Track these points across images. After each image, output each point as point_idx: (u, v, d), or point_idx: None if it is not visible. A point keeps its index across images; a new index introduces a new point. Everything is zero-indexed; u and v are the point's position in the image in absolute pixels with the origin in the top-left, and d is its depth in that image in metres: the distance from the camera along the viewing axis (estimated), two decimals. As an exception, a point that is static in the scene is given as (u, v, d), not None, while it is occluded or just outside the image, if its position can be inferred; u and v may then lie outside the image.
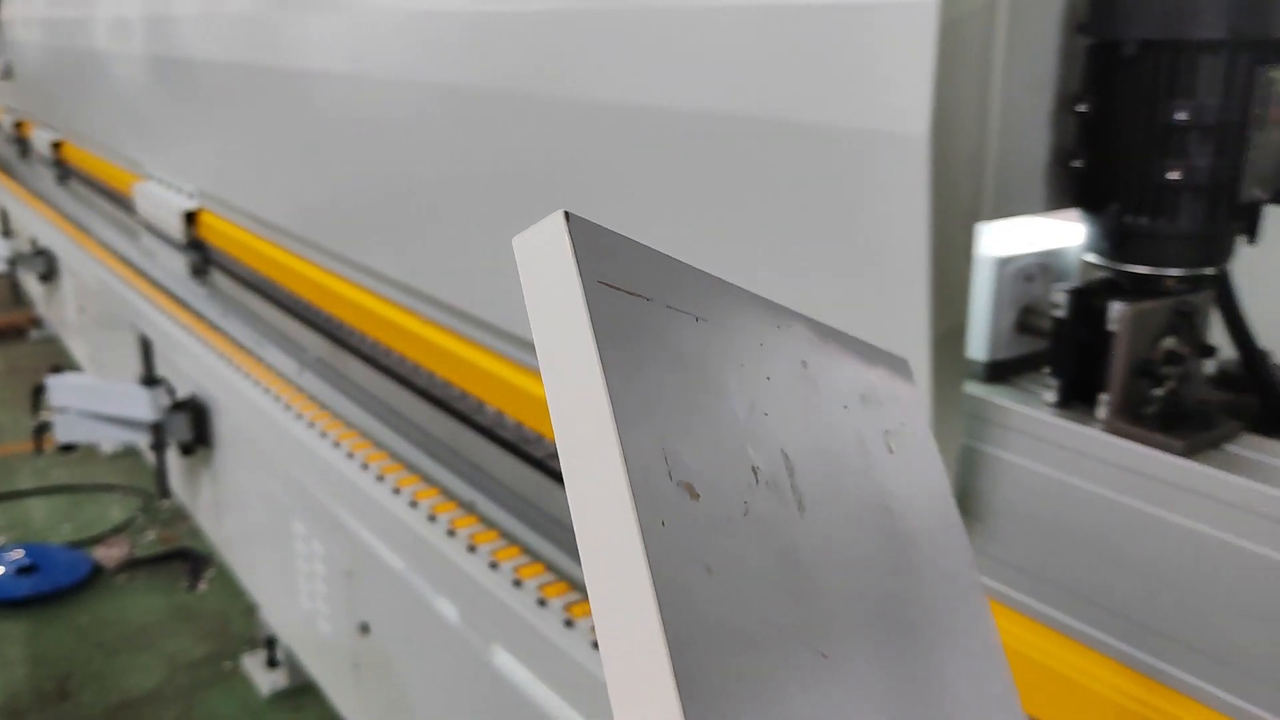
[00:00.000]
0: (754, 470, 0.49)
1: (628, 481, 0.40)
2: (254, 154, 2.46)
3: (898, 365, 0.71)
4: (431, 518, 1.66)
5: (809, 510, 0.52)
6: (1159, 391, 0.92)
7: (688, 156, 1.16)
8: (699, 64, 1.12)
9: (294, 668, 2.81)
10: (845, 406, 0.61)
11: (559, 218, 0.44)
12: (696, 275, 0.52)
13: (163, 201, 2.98)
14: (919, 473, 0.67)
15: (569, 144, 1.36)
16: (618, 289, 0.45)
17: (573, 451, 0.42)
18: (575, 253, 0.44)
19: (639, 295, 0.46)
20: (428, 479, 1.84)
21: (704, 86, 1.12)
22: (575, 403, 0.42)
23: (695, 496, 0.44)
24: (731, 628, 0.43)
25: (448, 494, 1.76)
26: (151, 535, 3.71)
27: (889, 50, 0.91)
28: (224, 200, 2.72)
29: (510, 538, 1.60)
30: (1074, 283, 0.97)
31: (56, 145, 4.60)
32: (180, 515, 3.56)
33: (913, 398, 0.70)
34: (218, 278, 2.89)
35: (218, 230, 2.75)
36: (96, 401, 2.86)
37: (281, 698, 2.85)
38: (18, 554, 3.52)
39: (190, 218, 2.84)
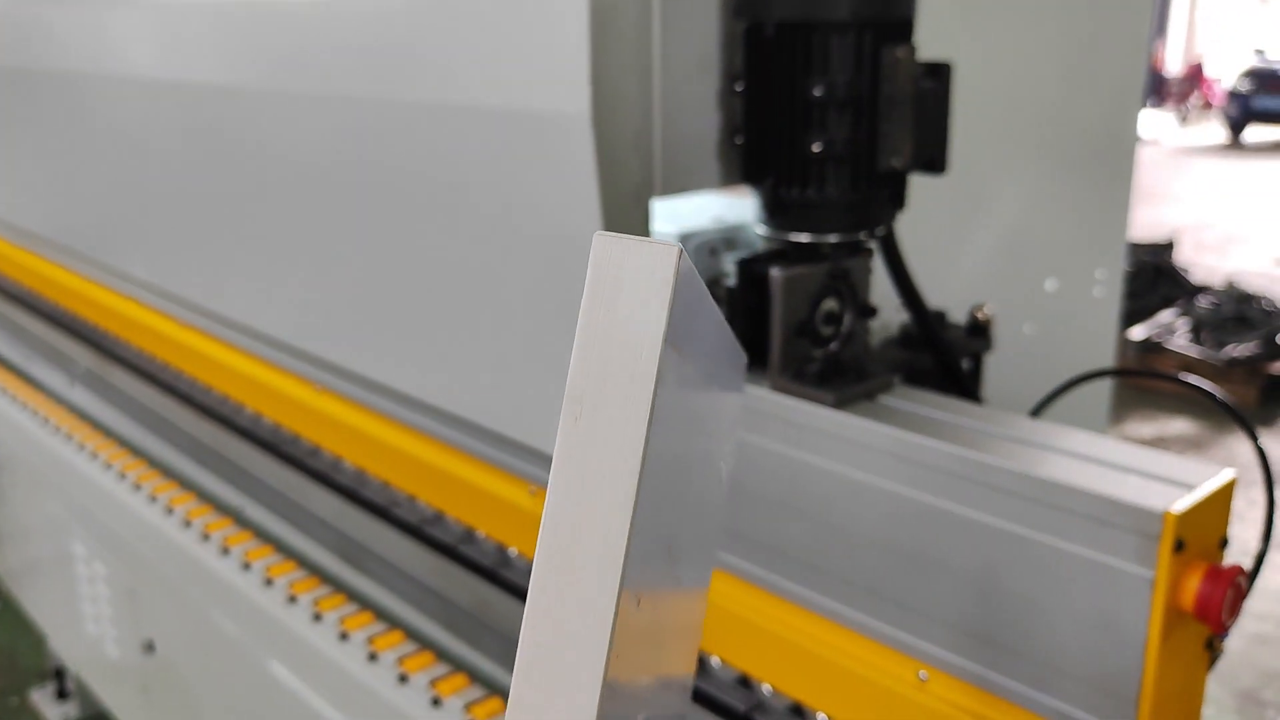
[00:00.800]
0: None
1: (627, 541, 0.40)
2: (6, 160, 2.35)
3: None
4: (205, 536, 1.62)
5: None
6: (820, 352, 0.99)
7: (391, 145, 1.18)
8: (368, 52, 1.14)
9: (85, 697, 2.69)
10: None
11: (674, 252, 0.42)
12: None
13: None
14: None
15: (295, 137, 1.36)
16: (679, 352, 0.44)
17: (577, 484, 0.41)
18: (673, 297, 0.42)
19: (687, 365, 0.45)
20: (198, 490, 1.80)
21: (377, 75, 1.13)
22: (604, 438, 0.41)
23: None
24: None
25: (219, 507, 1.72)
26: (-69, 571, 3.47)
27: (547, 33, 0.94)
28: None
29: (281, 547, 1.58)
30: (745, 253, 1.02)
31: None
32: (-37, 547, 3.34)
33: None
34: (-19, 293, 2.74)
35: (-24, 243, 2.61)
36: None
37: (74, 729, 2.72)
38: None
39: (-54, 231, 2.67)
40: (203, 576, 1.62)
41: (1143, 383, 5.15)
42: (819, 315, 0.99)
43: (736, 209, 1.11)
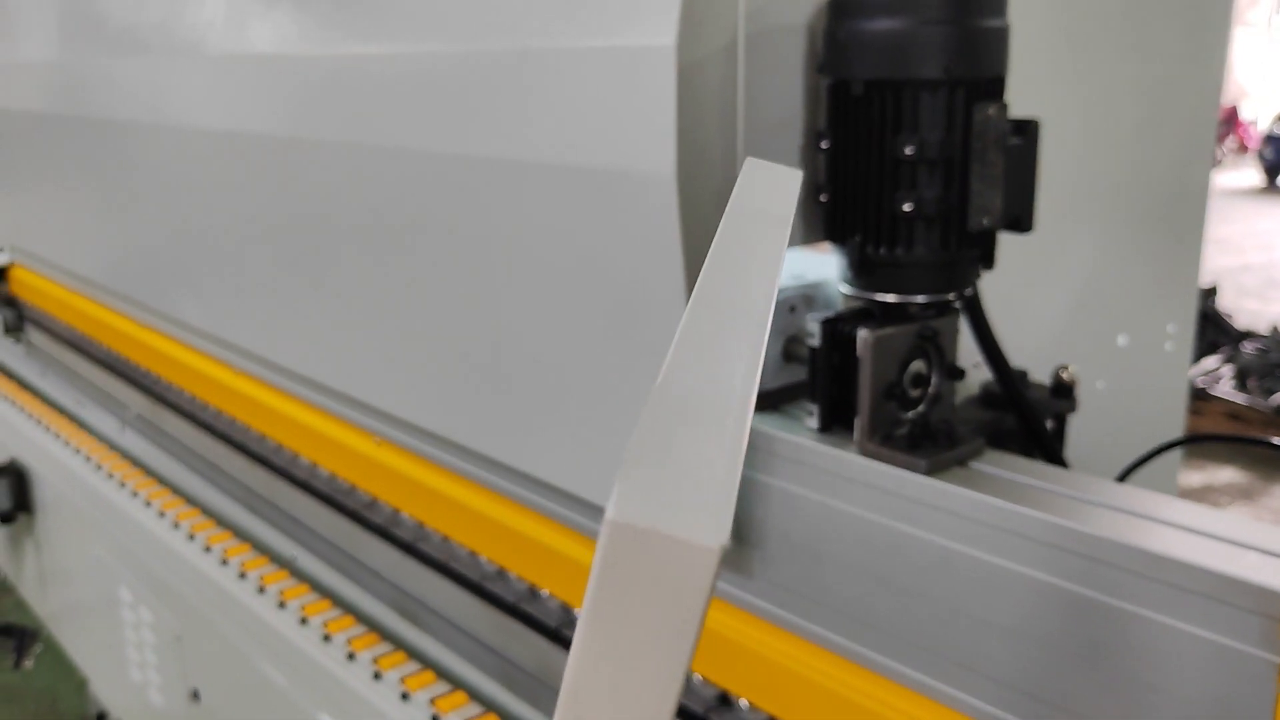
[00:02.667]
0: None
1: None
2: (65, 206, 2.37)
3: None
4: (261, 589, 1.60)
5: None
6: (910, 414, 0.96)
7: (460, 201, 1.17)
8: (441, 106, 1.13)
9: (127, 742, 2.67)
10: None
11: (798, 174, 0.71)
12: None
13: (-28, 258, 2.84)
14: None
15: (363, 190, 1.36)
16: None
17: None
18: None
19: None
20: (252, 540, 1.79)
21: (450, 129, 1.13)
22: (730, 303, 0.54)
23: None
24: None
25: (273, 558, 1.71)
26: (-26, 612, 3.48)
27: (633, 91, 0.93)
28: (36, 255, 2.61)
29: (337, 600, 1.56)
30: (828, 312, 1.00)
31: None
32: (5, 588, 3.36)
33: None
34: (34, 335, 2.77)
35: (31, 286, 2.64)
36: (-99, 472, 2.68)
37: (115, 775, 2.70)
38: None
39: (0, 274, 2.71)
40: (257, 629, 1.60)
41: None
42: (907, 377, 0.96)
43: (816, 266, 1.09)
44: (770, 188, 0.68)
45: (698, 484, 0.41)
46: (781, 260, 0.61)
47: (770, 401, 1.05)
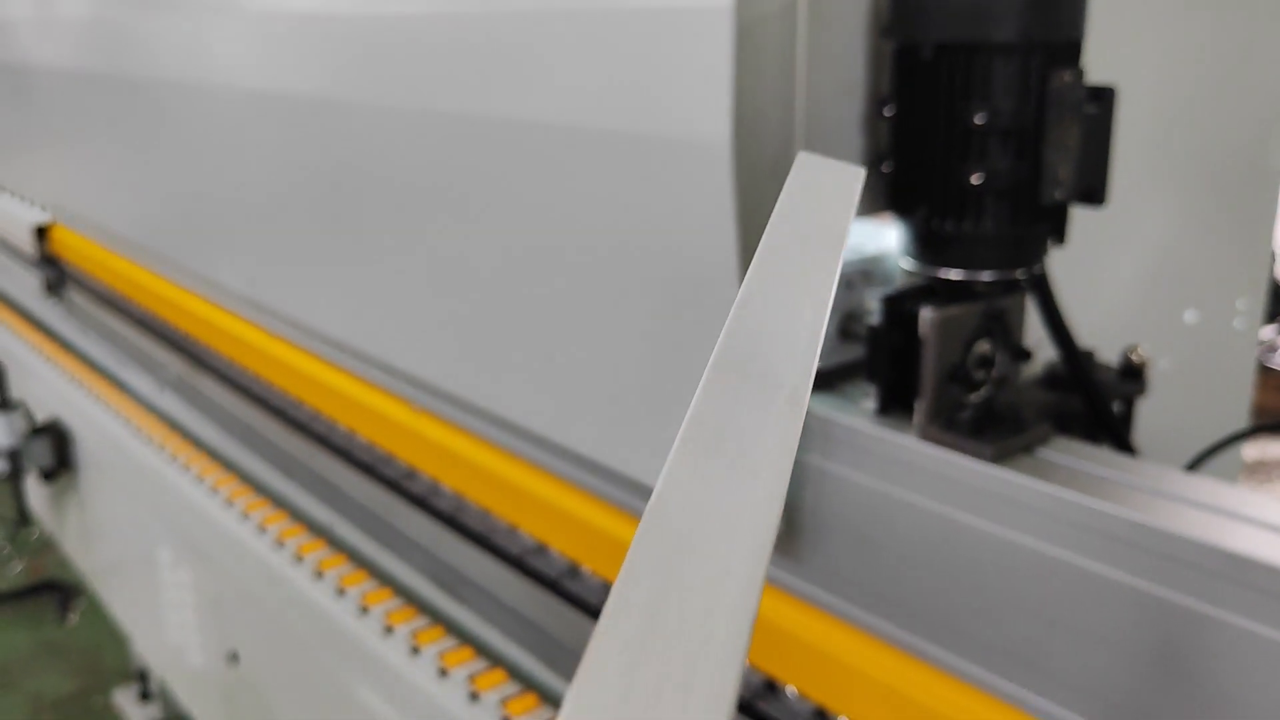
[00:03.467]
0: None
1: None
2: (103, 165, 2.35)
3: None
4: (298, 559, 1.59)
5: None
6: (974, 397, 0.92)
7: (502, 166, 1.13)
8: (485, 67, 1.09)
9: (168, 701, 2.70)
10: None
11: (861, 172, 0.58)
12: None
13: (12, 215, 2.84)
14: None
15: (407, 153, 1.32)
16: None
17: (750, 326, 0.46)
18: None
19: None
20: (289, 507, 1.78)
21: (494, 91, 1.08)
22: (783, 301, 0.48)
23: None
24: None
25: (311, 527, 1.69)
26: (19, 567, 3.53)
27: (686, 54, 0.88)
28: (76, 214, 2.60)
29: (374, 571, 1.54)
30: (889, 289, 0.95)
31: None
32: (50, 544, 3.40)
33: None
34: (74, 295, 2.77)
35: (71, 246, 2.63)
36: (-55, 429, 2.71)
37: (156, 732, 2.74)
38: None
39: (41, 233, 2.71)
40: (294, 599, 1.59)
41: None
42: (971, 359, 0.91)
43: (875, 238, 1.04)
44: (826, 190, 0.59)
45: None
46: (833, 287, 0.51)
47: (826, 380, 1.01)
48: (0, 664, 3.01)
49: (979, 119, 0.86)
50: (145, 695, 2.78)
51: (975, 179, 0.87)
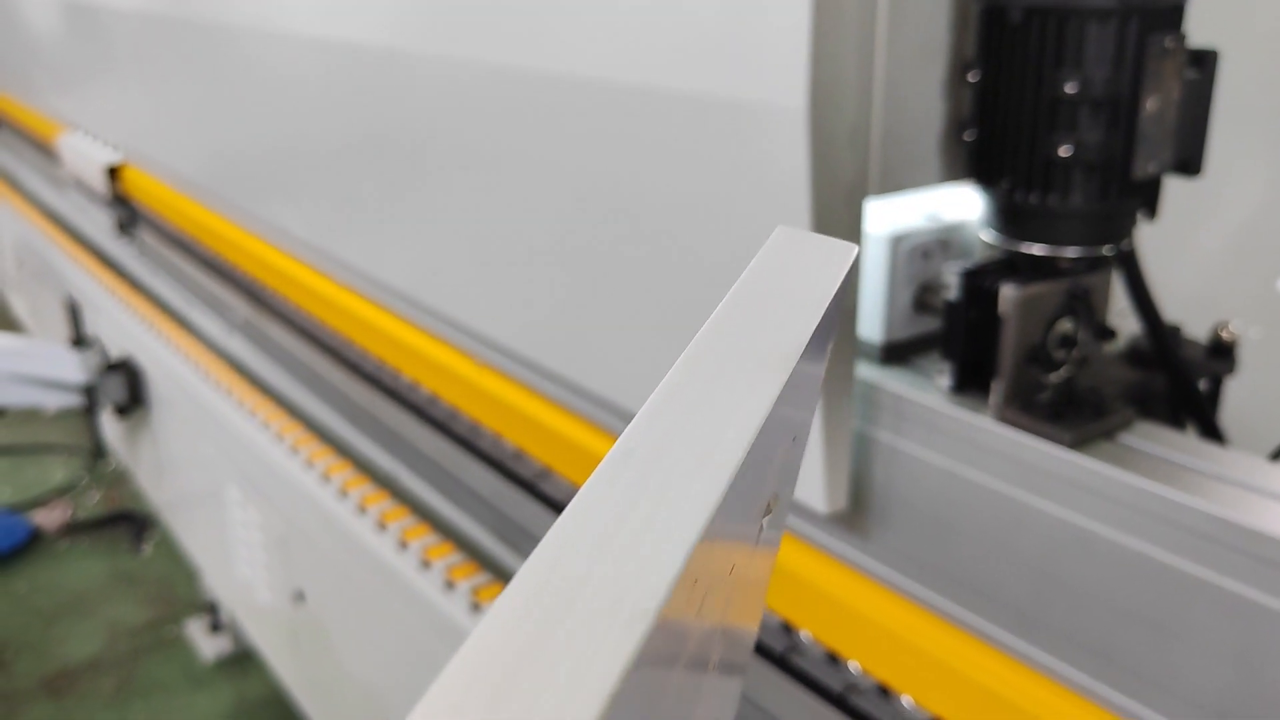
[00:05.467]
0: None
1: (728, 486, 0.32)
2: (173, 108, 2.37)
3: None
4: (362, 510, 1.61)
5: None
6: (1053, 378, 0.88)
7: (569, 123, 1.10)
8: (557, 23, 1.05)
9: (238, 633, 2.78)
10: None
11: (852, 250, 0.42)
12: None
13: (87, 155, 2.88)
14: None
15: (479, 110, 1.30)
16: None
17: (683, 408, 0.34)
18: (837, 295, 0.40)
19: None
20: (353, 455, 1.79)
21: (565, 49, 1.05)
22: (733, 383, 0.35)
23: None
24: None
25: (375, 476, 1.71)
26: (96, 497, 3.64)
27: (761, 14, 0.85)
28: (146, 155, 2.62)
29: (436, 523, 1.55)
30: (968, 262, 0.92)
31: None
32: (125, 476, 3.50)
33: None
34: (145, 235, 2.80)
35: (141, 187, 2.66)
36: (24, 364, 2.78)
37: (225, 664, 2.82)
38: (-48, 520, 3.45)
39: (113, 173, 2.74)
40: (357, 549, 1.61)
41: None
42: (1053, 338, 0.88)
43: (953, 205, 1.00)
44: (803, 280, 0.41)
45: None
46: (815, 404, 0.41)
47: (899, 353, 0.98)
48: (78, 592, 3.12)
49: (1070, 88, 0.82)
50: (215, 627, 2.87)
51: (1064, 151, 0.83)
